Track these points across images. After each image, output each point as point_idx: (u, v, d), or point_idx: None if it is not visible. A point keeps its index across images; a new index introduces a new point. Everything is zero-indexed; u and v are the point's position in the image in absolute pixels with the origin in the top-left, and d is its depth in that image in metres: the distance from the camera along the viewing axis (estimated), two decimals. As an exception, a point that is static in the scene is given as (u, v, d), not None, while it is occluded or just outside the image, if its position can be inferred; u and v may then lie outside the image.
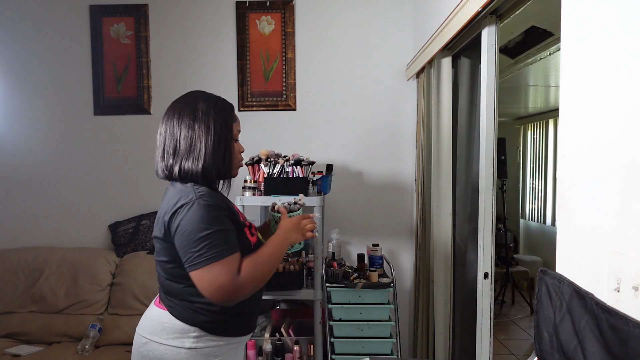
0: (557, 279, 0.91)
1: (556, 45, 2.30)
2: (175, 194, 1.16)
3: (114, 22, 2.69)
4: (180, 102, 1.25)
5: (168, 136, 1.19)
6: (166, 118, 1.22)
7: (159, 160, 1.22)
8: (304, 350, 2.21)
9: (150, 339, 1.19)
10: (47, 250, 2.58)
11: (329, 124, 2.71)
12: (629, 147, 0.77)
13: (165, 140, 1.20)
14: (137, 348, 1.22)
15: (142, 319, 1.26)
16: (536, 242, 5.39)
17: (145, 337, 1.20)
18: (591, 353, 0.78)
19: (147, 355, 1.18)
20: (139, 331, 1.24)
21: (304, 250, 2.35)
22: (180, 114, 1.20)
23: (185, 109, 1.21)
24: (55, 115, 2.72)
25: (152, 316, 1.23)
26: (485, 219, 1.65)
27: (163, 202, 1.20)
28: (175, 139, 1.18)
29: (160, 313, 1.21)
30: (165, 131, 1.21)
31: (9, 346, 2.27)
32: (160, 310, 1.21)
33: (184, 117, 1.19)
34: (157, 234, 1.20)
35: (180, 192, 1.15)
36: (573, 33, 0.94)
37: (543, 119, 5.17)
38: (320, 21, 2.69)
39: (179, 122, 1.19)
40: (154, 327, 1.20)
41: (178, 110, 1.21)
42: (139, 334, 1.23)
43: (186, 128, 1.18)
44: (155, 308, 1.24)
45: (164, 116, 1.24)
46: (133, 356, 1.24)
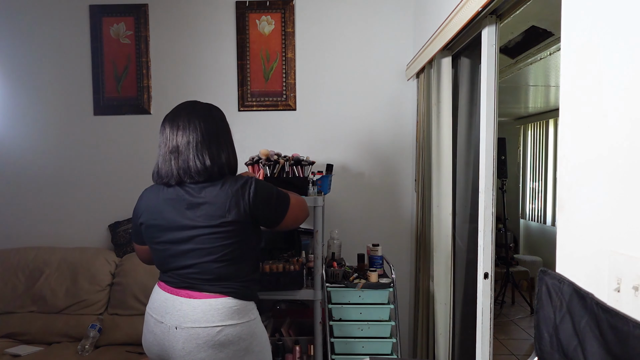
0: (557, 279, 0.91)
1: (556, 45, 2.31)
2: (233, 184, 1.35)
3: (114, 22, 2.69)
4: (194, 110, 1.39)
5: (199, 141, 1.35)
6: (186, 126, 1.35)
7: (193, 164, 1.33)
8: (304, 350, 2.21)
9: (224, 325, 1.30)
10: (47, 250, 2.58)
11: (329, 124, 2.71)
12: (629, 147, 0.77)
13: (197, 145, 1.34)
14: (210, 339, 1.29)
15: (200, 313, 1.30)
16: (536, 242, 5.39)
17: (219, 325, 1.30)
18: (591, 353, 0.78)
19: (225, 339, 1.30)
20: (204, 324, 1.29)
21: (304, 250, 2.35)
22: (203, 121, 1.37)
23: (202, 116, 1.38)
24: (55, 115, 2.72)
25: (215, 306, 1.31)
26: (485, 219, 1.65)
27: (219, 199, 1.32)
28: (207, 142, 1.35)
29: (223, 301, 1.32)
30: (193, 138, 1.34)
31: (9, 346, 2.27)
32: (220, 299, 1.32)
33: (209, 123, 1.38)
34: (233, 219, 1.31)
35: (236, 181, 1.36)
36: (573, 33, 0.94)
37: (543, 119, 5.17)
38: (321, 21, 2.69)
39: (206, 127, 1.37)
40: (223, 314, 1.31)
41: (198, 118, 1.37)
42: (209, 326, 1.29)
43: (214, 132, 1.38)
44: (212, 299, 1.32)
45: (178, 125, 1.36)
46: (205, 348, 1.29)
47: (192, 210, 1.33)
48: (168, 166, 1.35)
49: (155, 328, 1.35)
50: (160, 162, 1.37)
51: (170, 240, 1.36)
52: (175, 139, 1.34)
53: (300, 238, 2.42)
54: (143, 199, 1.44)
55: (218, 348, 1.30)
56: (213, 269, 1.33)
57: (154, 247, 1.42)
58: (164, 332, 1.33)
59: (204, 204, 1.32)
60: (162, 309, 1.35)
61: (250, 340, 1.35)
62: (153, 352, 1.39)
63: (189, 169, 1.33)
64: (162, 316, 1.34)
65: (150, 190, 1.44)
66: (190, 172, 1.33)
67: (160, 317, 1.34)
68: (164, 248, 1.37)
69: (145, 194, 1.44)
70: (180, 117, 1.37)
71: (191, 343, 1.29)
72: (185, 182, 1.35)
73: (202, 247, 1.33)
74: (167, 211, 1.35)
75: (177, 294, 1.34)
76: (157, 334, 1.35)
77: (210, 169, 1.34)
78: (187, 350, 1.29)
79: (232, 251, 1.34)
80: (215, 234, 1.32)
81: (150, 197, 1.41)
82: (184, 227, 1.33)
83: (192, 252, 1.33)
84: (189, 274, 1.34)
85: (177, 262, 1.36)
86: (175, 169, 1.34)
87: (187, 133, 1.34)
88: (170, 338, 1.31)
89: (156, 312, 1.36)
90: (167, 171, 1.35)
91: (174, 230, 1.34)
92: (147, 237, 1.43)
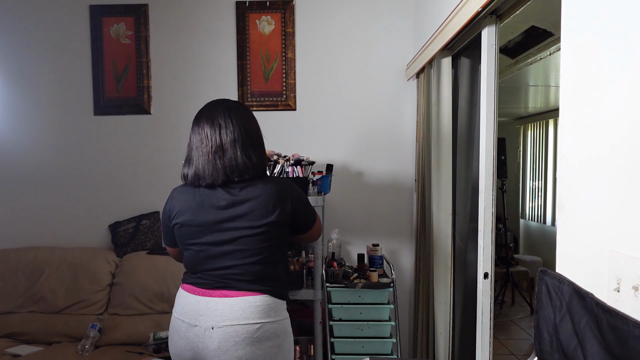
0: (557, 279, 0.91)
1: (556, 45, 2.30)
2: (277, 184, 1.37)
3: (114, 22, 2.69)
4: (230, 108, 1.38)
5: (244, 137, 1.34)
6: (228, 124, 1.34)
7: (242, 160, 1.32)
8: (304, 350, 2.21)
9: (263, 322, 1.32)
10: (47, 250, 2.58)
11: (329, 124, 2.71)
12: (629, 146, 0.77)
13: (243, 141, 1.33)
14: (249, 336, 1.29)
15: (239, 310, 1.30)
16: (536, 242, 5.39)
17: (258, 322, 1.31)
18: (591, 353, 0.78)
19: (263, 336, 1.31)
20: (244, 321, 1.30)
21: (304, 250, 2.35)
22: (244, 118, 1.37)
23: (241, 114, 1.37)
24: (55, 115, 2.72)
25: (254, 303, 1.32)
26: (485, 219, 1.65)
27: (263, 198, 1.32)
28: (250, 140, 1.36)
29: (261, 298, 1.33)
30: (238, 135, 1.33)
31: (9, 346, 2.27)
32: (259, 296, 1.33)
33: (250, 120, 1.38)
34: (276, 219, 1.33)
35: (280, 182, 1.39)
36: (573, 33, 0.94)
37: (543, 119, 5.17)
38: (321, 21, 2.69)
39: (244, 123, 1.36)
40: (262, 312, 1.32)
41: (236, 115, 1.36)
42: (248, 323, 1.30)
43: (254, 129, 1.39)
44: (251, 297, 1.32)
45: (219, 124, 1.33)
46: (242, 345, 1.29)
47: (233, 208, 1.31)
48: (212, 165, 1.31)
49: (188, 332, 1.32)
50: (202, 162, 1.32)
51: (209, 242, 1.33)
52: (219, 137, 1.32)
53: (300, 238, 2.42)
54: (175, 199, 1.40)
55: (256, 345, 1.30)
56: (254, 271, 1.33)
57: (188, 248, 1.38)
58: (198, 335, 1.30)
59: (247, 202, 1.32)
60: (194, 312, 1.32)
61: (284, 337, 1.38)
62: (184, 358, 1.35)
63: (238, 167, 1.31)
64: (195, 319, 1.31)
65: (182, 191, 1.39)
66: (239, 170, 1.32)
67: (193, 320, 1.31)
68: (200, 249, 1.34)
69: (177, 195, 1.40)
70: (218, 115, 1.34)
71: (229, 341, 1.28)
72: (231, 181, 1.32)
73: (244, 248, 1.32)
74: (204, 211, 1.33)
75: (211, 295, 1.32)
76: (190, 338, 1.31)
77: (257, 165, 1.35)
78: (224, 349, 1.28)
79: (272, 253, 1.36)
80: (258, 235, 1.32)
81: (186, 198, 1.37)
82: (224, 229, 1.32)
83: (234, 254, 1.32)
84: (228, 274, 1.33)
85: (214, 263, 1.33)
86: (221, 168, 1.31)
87: (231, 130, 1.33)
88: (205, 340, 1.29)
89: (188, 316, 1.32)
90: (212, 171, 1.31)
91: (214, 232, 1.32)
92: (181, 239, 1.39)
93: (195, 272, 1.37)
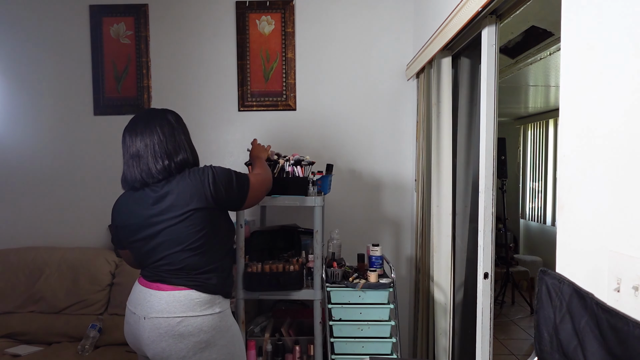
0: (557, 279, 0.91)
1: (556, 45, 2.31)
2: (193, 174, 1.44)
3: (114, 22, 2.69)
4: (149, 116, 1.49)
5: (157, 143, 1.44)
6: (143, 131, 1.45)
7: (153, 165, 1.42)
8: (304, 350, 2.21)
9: (185, 316, 1.37)
10: (47, 250, 2.58)
11: (329, 124, 2.71)
12: (629, 146, 0.77)
13: (155, 147, 1.43)
14: (170, 329, 1.36)
15: (164, 304, 1.38)
16: (536, 242, 5.39)
17: (179, 316, 1.37)
18: (591, 353, 0.78)
19: (185, 330, 1.36)
20: (166, 315, 1.37)
21: (304, 250, 2.35)
22: (158, 125, 1.46)
23: (159, 121, 1.47)
24: (55, 115, 2.72)
25: (178, 297, 1.38)
26: (485, 219, 1.65)
27: (180, 189, 1.41)
28: (164, 144, 1.44)
29: (185, 293, 1.39)
30: (150, 141, 1.43)
31: (9, 346, 2.27)
32: (183, 291, 1.39)
33: (164, 127, 1.46)
34: (196, 206, 1.40)
35: (195, 171, 1.46)
36: (573, 33, 0.94)
37: (543, 119, 5.17)
38: (320, 21, 2.69)
39: (162, 130, 1.45)
40: (185, 306, 1.38)
41: (154, 123, 1.46)
42: (170, 316, 1.37)
43: (170, 133, 1.47)
44: (176, 291, 1.39)
45: (136, 132, 1.45)
46: (165, 338, 1.36)
47: (158, 204, 1.41)
48: (131, 171, 1.44)
49: (129, 318, 1.45)
50: (125, 168, 1.47)
51: (143, 238, 1.44)
52: (135, 145, 1.44)
53: (300, 238, 2.42)
54: (117, 205, 1.54)
55: (177, 338, 1.36)
56: (182, 259, 1.41)
57: (131, 246, 1.50)
58: (135, 322, 1.42)
59: (168, 195, 1.41)
60: (136, 300, 1.44)
61: (213, 333, 1.40)
62: (131, 342, 1.48)
63: (150, 171, 1.42)
64: (135, 307, 1.43)
65: (122, 196, 1.54)
66: (152, 173, 1.42)
67: (133, 308, 1.44)
68: (139, 246, 1.46)
69: (118, 200, 1.55)
70: (138, 125, 1.46)
71: (154, 332, 1.37)
72: (149, 184, 1.43)
73: (170, 238, 1.41)
74: (136, 211, 1.45)
75: (149, 287, 1.43)
76: (131, 324, 1.44)
77: (168, 167, 1.43)
78: (152, 339, 1.38)
79: (200, 239, 1.41)
80: (181, 222, 1.40)
81: (122, 202, 1.52)
82: (153, 223, 1.41)
83: (162, 245, 1.41)
84: (160, 266, 1.42)
85: (151, 257, 1.44)
86: (138, 173, 1.43)
87: (145, 138, 1.43)
88: (139, 328, 1.40)
89: (131, 304, 1.46)
90: (132, 176, 1.44)
91: (145, 228, 1.43)
92: (124, 239, 1.52)
93: (144, 266, 1.49)
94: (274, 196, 2.07)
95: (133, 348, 1.50)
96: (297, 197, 2.07)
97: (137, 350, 1.48)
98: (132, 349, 1.51)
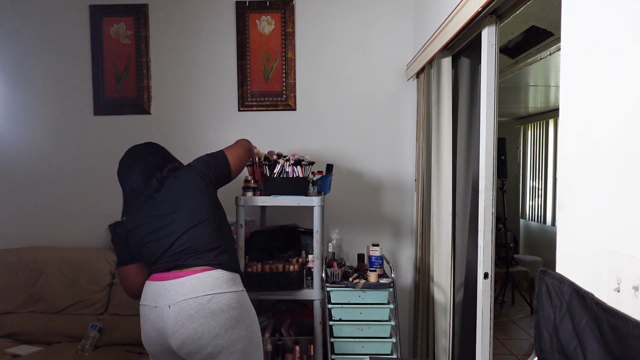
0: (557, 279, 0.91)
1: (556, 45, 2.31)
2: (185, 168, 1.66)
3: (114, 22, 2.69)
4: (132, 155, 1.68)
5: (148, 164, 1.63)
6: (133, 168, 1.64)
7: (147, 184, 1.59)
8: (304, 350, 2.21)
9: (214, 293, 1.42)
10: (47, 250, 2.58)
11: (329, 124, 2.71)
12: (629, 147, 0.77)
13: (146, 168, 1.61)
14: (201, 308, 1.39)
15: (190, 286, 1.42)
16: (536, 242, 5.39)
17: (209, 294, 1.41)
18: (591, 353, 0.78)
19: (216, 307, 1.41)
20: (195, 295, 1.40)
21: (304, 250, 2.35)
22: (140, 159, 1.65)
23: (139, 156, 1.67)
24: (55, 115, 2.72)
25: (203, 278, 1.44)
26: (485, 219, 1.65)
27: (181, 180, 1.60)
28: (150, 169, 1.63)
29: (210, 273, 1.45)
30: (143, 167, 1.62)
31: (9, 346, 2.27)
32: (208, 272, 1.45)
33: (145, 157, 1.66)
34: (200, 184, 1.59)
35: (185, 166, 1.68)
36: (573, 33, 0.94)
37: (543, 119, 5.17)
38: (320, 21, 2.69)
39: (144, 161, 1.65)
40: (212, 284, 1.43)
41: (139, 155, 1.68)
42: (200, 295, 1.40)
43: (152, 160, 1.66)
44: (200, 273, 1.44)
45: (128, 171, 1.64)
46: (197, 318, 1.38)
47: (164, 199, 1.55)
48: (136, 207, 1.59)
49: (150, 315, 1.44)
50: (125, 206, 1.64)
51: (156, 229, 1.51)
52: (129, 182, 1.60)
53: (300, 238, 2.42)
54: (121, 226, 1.64)
55: (209, 316, 1.39)
56: (197, 235, 1.50)
57: (143, 249, 1.53)
58: (158, 316, 1.41)
59: (171, 188, 1.56)
60: (153, 295, 1.44)
61: (240, 310, 1.46)
62: (153, 341, 1.44)
63: (149, 189, 1.57)
64: (154, 301, 1.43)
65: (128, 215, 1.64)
66: (151, 185, 1.58)
67: (153, 302, 1.44)
68: (150, 240, 1.51)
69: (125, 218, 1.63)
70: (126, 165, 1.64)
71: (184, 315, 1.37)
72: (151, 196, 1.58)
73: (184, 215, 1.51)
74: (141, 212, 1.55)
75: (166, 278, 1.45)
76: (152, 320, 1.43)
77: (166, 173, 1.62)
78: (181, 323, 1.37)
79: (211, 212, 1.56)
80: (191, 198, 1.54)
81: (131, 216, 1.60)
82: (164, 213, 1.52)
83: (179, 225, 1.50)
84: (175, 251, 1.48)
85: (163, 246, 1.49)
86: (142, 193, 1.58)
87: (136, 172, 1.60)
88: (164, 318, 1.40)
89: (149, 300, 1.46)
90: (135, 195, 1.59)
91: (157, 218, 1.52)
92: (135, 245, 1.56)
93: (156, 260, 1.51)
94: (274, 196, 2.07)
95: (153, 347, 1.45)
96: (297, 197, 2.07)
97: (159, 347, 1.44)
98: (151, 348, 1.46)
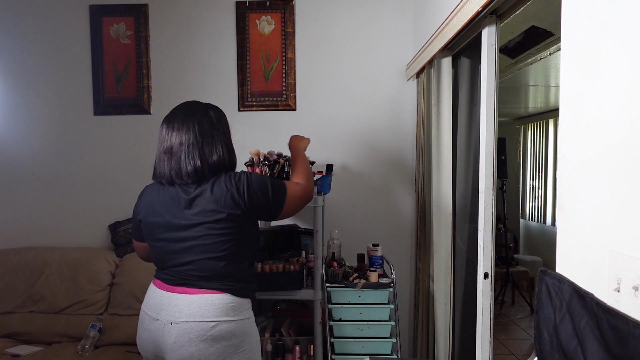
0: (557, 279, 0.91)
1: (556, 45, 2.31)
2: (227, 179, 1.37)
3: (114, 22, 2.69)
4: (190, 111, 1.41)
5: (192, 143, 1.36)
6: (180, 127, 1.37)
7: (184, 165, 1.35)
8: (304, 350, 2.21)
9: (219, 321, 1.31)
10: (47, 250, 2.58)
11: (329, 124, 2.71)
12: (629, 146, 0.77)
13: (189, 147, 1.35)
14: (203, 333, 1.30)
15: (196, 308, 1.32)
16: (536, 242, 5.39)
17: (213, 321, 1.31)
18: (591, 353, 0.78)
19: (219, 335, 1.31)
20: (199, 319, 1.31)
21: (304, 250, 2.35)
22: (197, 123, 1.38)
23: (198, 117, 1.40)
24: (55, 115, 2.72)
25: (212, 301, 1.33)
26: (485, 219, 1.65)
27: (213, 194, 1.34)
28: (200, 143, 1.36)
29: (219, 296, 1.34)
30: (186, 139, 1.36)
31: (9, 346, 2.27)
32: (217, 295, 1.34)
33: (203, 125, 1.39)
34: (229, 213, 1.33)
35: (230, 176, 1.38)
36: (573, 33, 0.94)
37: (543, 119, 5.17)
38: (321, 21, 2.69)
39: (200, 129, 1.38)
40: (219, 310, 1.32)
41: (193, 120, 1.39)
42: (204, 320, 1.31)
43: (208, 133, 1.39)
44: (209, 295, 1.33)
45: (173, 126, 1.38)
46: (196, 342, 1.30)
47: (189, 208, 1.35)
48: (162, 166, 1.38)
49: (150, 325, 1.36)
50: (157, 161, 1.40)
51: (168, 238, 1.37)
52: (170, 140, 1.37)
53: (300, 238, 2.42)
54: (143, 196, 1.46)
55: (209, 343, 1.31)
56: (211, 267, 1.34)
57: (153, 244, 1.43)
58: (158, 329, 1.34)
59: (200, 199, 1.34)
60: (157, 306, 1.36)
61: (243, 338, 1.36)
62: (147, 350, 1.39)
63: (180, 171, 1.35)
64: (157, 313, 1.35)
65: (150, 188, 1.45)
66: (181, 174, 1.35)
67: (155, 314, 1.35)
68: (162, 245, 1.39)
69: (146, 192, 1.46)
70: (176, 118, 1.39)
71: (183, 337, 1.30)
72: (178, 184, 1.37)
73: (200, 244, 1.34)
74: (166, 209, 1.37)
75: (173, 291, 1.35)
76: (152, 331, 1.36)
77: (200, 171, 1.35)
78: (179, 345, 1.30)
79: (230, 248, 1.36)
80: (212, 229, 1.34)
81: (151, 195, 1.43)
82: (183, 226, 1.35)
83: (191, 250, 1.35)
84: (186, 270, 1.35)
85: (175, 259, 1.37)
86: (167, 170, 1.36)
87: (181, 134, 1.36)
88: (164, 334, 1.32)
89: (151, 309, 1.37)
90: (160, 171, 1.39)
91: (172, 229, 1.36)
92: (146, 234, 1.45)
93: (163, 267, 1.42)
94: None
95: (146, 354, 1.41)
96: (297, 197, 2.06)
97: (152, 357, 1.39)
98: (145, 354, 1.42)
